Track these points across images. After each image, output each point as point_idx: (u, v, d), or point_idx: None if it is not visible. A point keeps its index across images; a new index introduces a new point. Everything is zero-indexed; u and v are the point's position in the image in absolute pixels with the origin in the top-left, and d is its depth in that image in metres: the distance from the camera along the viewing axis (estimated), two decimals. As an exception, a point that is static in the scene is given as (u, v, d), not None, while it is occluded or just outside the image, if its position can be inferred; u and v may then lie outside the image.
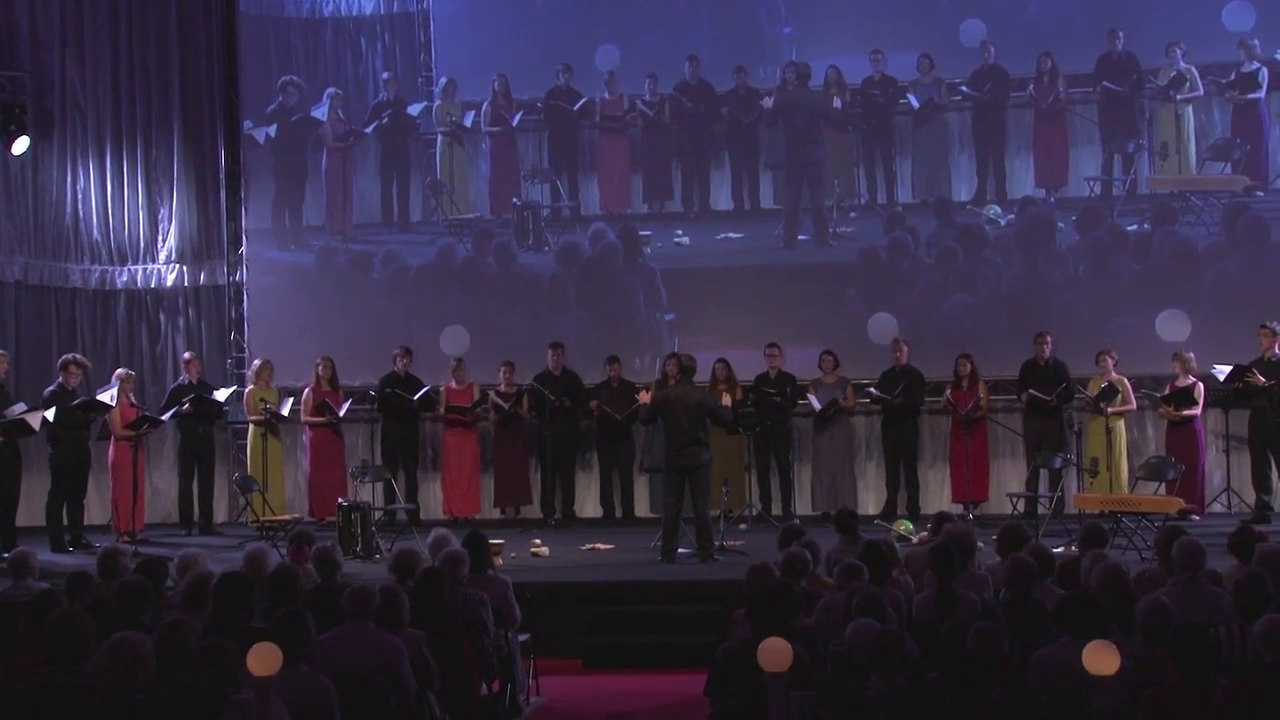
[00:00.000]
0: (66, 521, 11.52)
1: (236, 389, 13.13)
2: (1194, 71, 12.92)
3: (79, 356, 11.92)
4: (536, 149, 13.97)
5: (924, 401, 12.66)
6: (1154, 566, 7.06)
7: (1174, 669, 4.83)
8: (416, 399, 12.64)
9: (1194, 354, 11.89)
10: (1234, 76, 12.90)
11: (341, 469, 12.77)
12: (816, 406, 12.39)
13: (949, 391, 12.39)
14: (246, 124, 14.03)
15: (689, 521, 10.33)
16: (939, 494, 12.83)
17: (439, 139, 13.94)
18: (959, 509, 11.97)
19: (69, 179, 13.92)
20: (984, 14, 13.34)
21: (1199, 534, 7.07)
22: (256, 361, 12.97)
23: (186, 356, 12.95)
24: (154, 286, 14.06)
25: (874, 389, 12.48)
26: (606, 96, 13.74)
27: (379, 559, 10.35)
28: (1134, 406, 12.15)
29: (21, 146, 13.37)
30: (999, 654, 5.15)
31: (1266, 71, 12.80)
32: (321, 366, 12.76)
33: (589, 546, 11.17)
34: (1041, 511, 11.45)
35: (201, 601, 6.17)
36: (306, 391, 12.80)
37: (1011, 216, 13.31)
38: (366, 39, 14.10)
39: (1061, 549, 9.24)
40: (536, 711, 7.90)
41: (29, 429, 10.95)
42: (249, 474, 12.41)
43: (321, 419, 12.71)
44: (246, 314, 13.99)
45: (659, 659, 8.75)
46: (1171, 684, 4.81)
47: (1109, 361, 11.93)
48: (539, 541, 11.08)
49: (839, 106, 13.51)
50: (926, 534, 9.32)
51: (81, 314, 13.94)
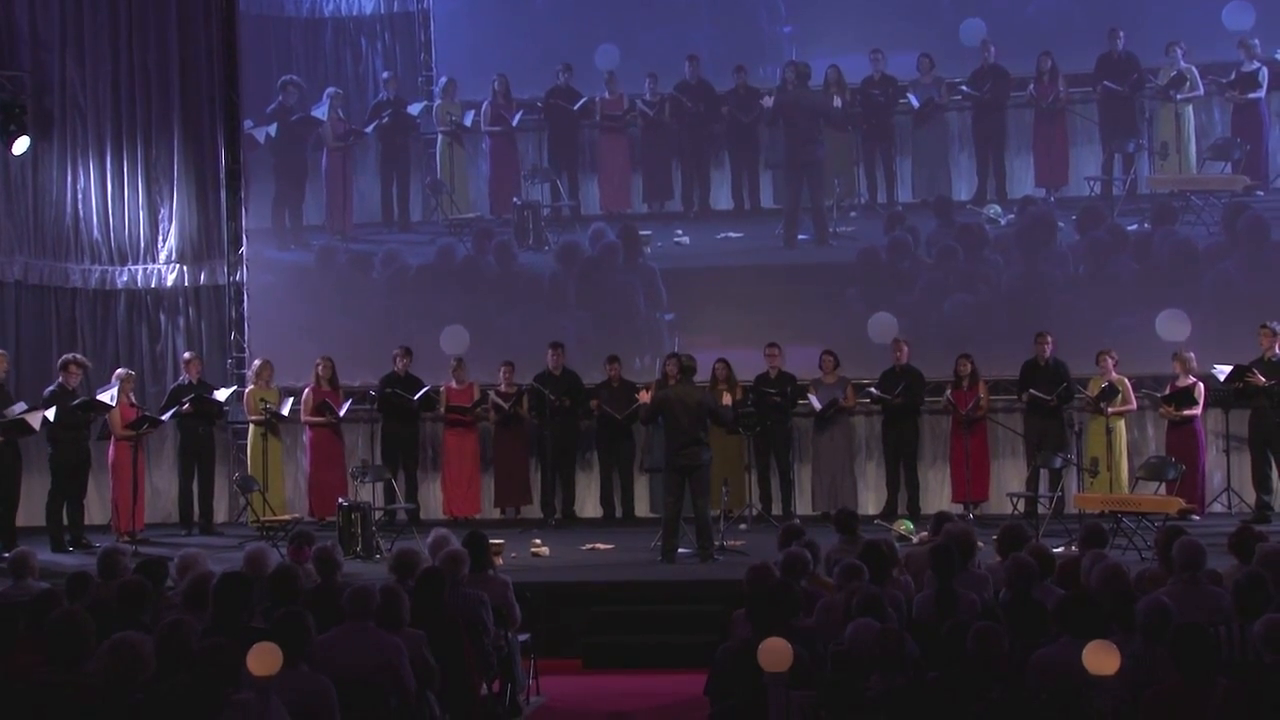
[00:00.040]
0: (66, 521, 11.52)
1: (236, 389, 13.12)
2: (1194, 71, 12.91)
3: (79, 356, 11.92)
4: (536, 149, 13.96)
5: (924, 401, 12.65)
6: (1154, 566, 7.06)
7: (1174, 669, 4.83)
8: (416, 399, 12.64)
9: (1194, 354, 11.89)
10: (1234, 76, 12.90)
11: (341, 469, 12.77)
12: (817, 406, 12.39)
13: (949, 391, 12.38)
14: (246, 124, 14.02)
15: (689, 521, 10.33)
16: (939, 494, 12.82)
17: (439, 139, 13.94)
18: (959, 509, 11.96)
19: (69, 179, 13.91)
20: (984, 13, 13.33)
21: (1199, 534, 7.06)
22: (256, 361, 12.97)
23: (186, 356, 12.95)
24: (154, 286, 14.05)
25: (874, 389, 12.48)
26: (606, 96, 13.74)
27: (379, 559, 10.35)
28: (1134, 406, 12.15)
29: (21, 146, 13.37)
30: (999, 654, 5.14)
31: (1266, 71, 12.80)
32: (321, 366, 12.76)
33: (589, 546, 11.16)
34: (1041, 511, 11.46)
35: (201, 601, 6.17)
36: (306, 391, 12.79)
37: (1011, 216, 13.30)
38: (366, 38, 14.09)
39: (1061, 549, 9.24)
40: (536, 711, 7.89)
41: (29, 429, 10.95)
42: (249, 474, 12.41)
43: (321, 419, 12.71)
44: (246, 314, 13.98)
45: (659, 659, 8.74)
46: (1171, 684, 4.81)
47: (1109, 361, 11.93)
48: (539, 541, 11.07)
49: (839, 106, 13.50)
50: (926, 534, 9.32)
51: (81, 314, 13.94)
